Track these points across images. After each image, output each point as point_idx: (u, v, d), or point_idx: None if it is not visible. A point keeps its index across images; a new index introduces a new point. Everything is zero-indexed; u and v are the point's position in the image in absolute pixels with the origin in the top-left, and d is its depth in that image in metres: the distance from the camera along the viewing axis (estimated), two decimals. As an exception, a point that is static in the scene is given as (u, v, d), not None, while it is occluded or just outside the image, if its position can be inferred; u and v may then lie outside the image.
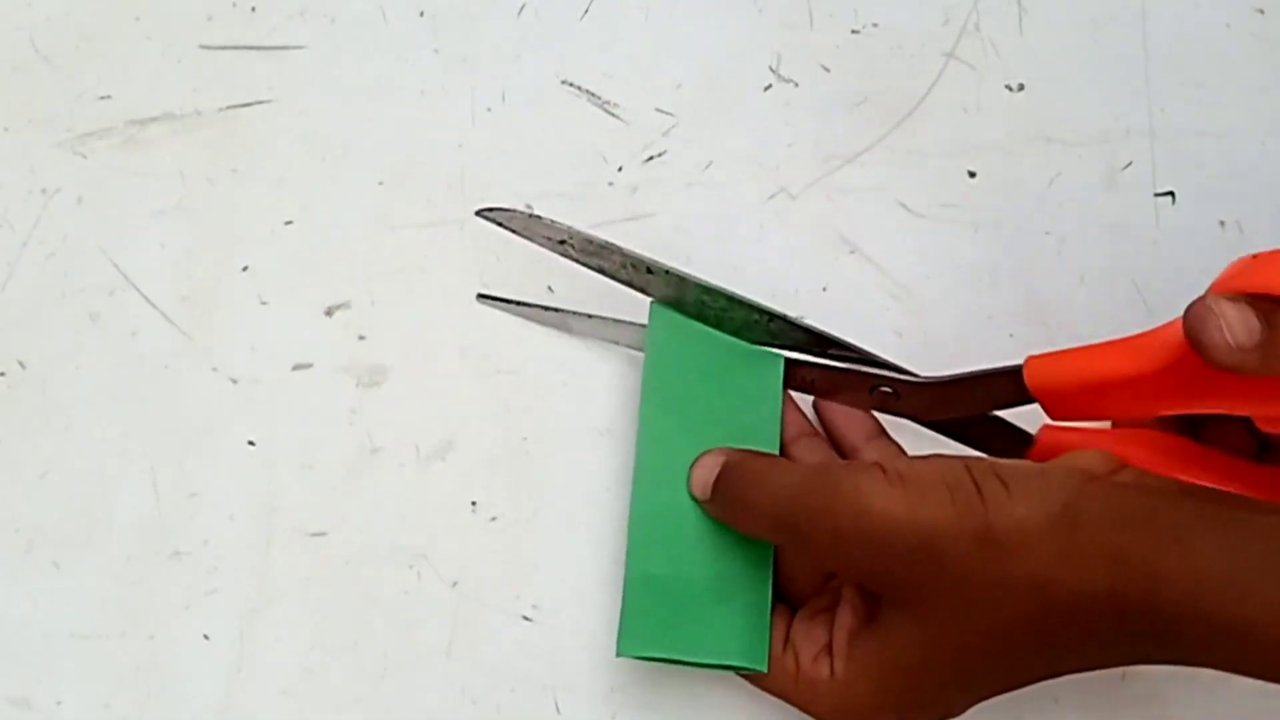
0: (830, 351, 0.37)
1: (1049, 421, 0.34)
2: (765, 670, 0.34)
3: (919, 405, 0.36)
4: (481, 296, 0.40)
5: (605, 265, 0.37)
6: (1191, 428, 0.36)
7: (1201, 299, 0.29)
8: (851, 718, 0.33)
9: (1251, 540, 0.27)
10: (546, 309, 0.40)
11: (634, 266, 0.37)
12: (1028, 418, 0.36)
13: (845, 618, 0.33)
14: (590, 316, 0.39)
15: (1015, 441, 0.37)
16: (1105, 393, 0.32)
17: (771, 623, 0.35)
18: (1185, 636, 0.28)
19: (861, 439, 0.38)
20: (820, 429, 0.39)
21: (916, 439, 0.38)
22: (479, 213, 0.37)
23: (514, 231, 0.37)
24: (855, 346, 0.37)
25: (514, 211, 0.37)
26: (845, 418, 0.38)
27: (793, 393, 0.38)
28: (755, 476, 0.34)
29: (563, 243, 0.37)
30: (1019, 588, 0.29)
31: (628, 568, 0.35)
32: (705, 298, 0.37)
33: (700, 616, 0.35)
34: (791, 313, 0.37)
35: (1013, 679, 0.31)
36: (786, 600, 0.36)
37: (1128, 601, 0.28)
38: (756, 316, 0.37)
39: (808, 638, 0.34)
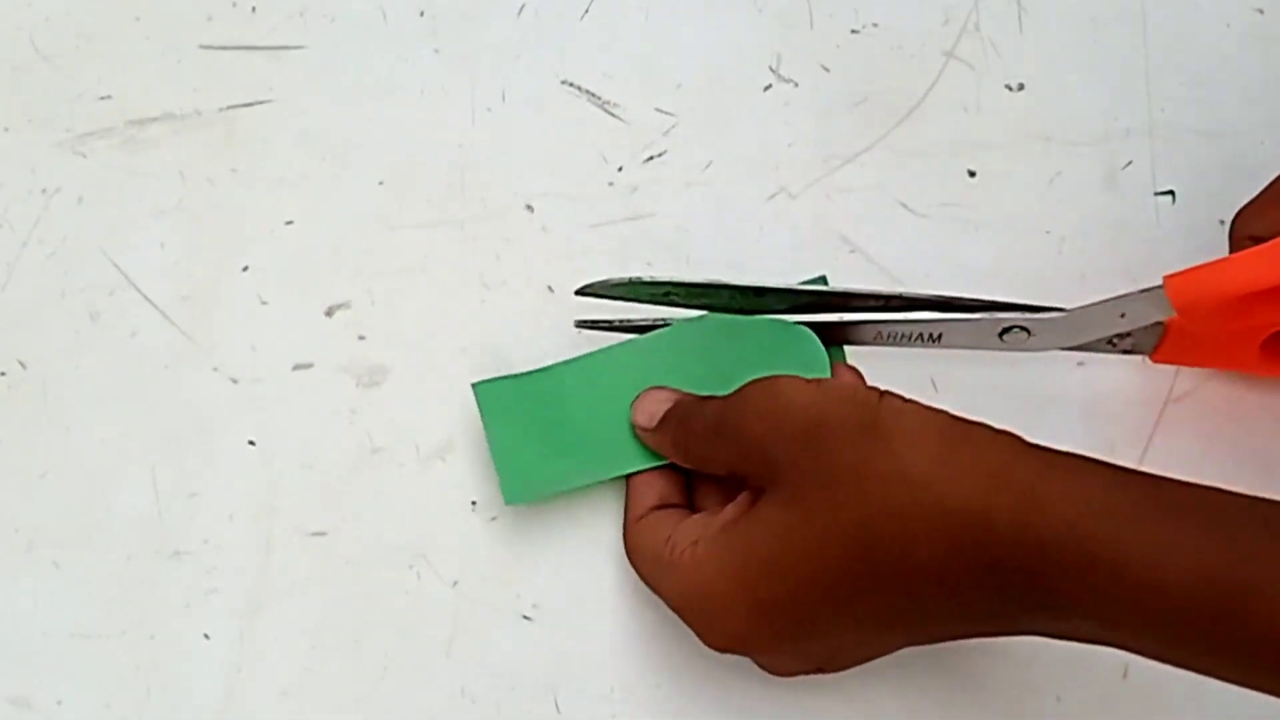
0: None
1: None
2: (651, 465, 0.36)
3: (1053, 338, 0.37)
4: (580, 324, 0.39)
5: (714, 303, 0.37)
6: None
7: None
8: (697, 600, 0.32)
9: (1136, 487, 0.27)
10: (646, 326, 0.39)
11: (743, 294, 0.37)
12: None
13: (729, 513, 0.32)
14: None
15: (1148, 335, 0.37)
16: (1250, 302, 0.32)
17: (668, 523, 0.34)
18: (1054, 569, 0.27)
19: None
20: None
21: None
22: (579, 291, 0.37)
23: (619, 298, 0.37)
24: (985, 301, 0.37)
25: (613, 282, 0.37)
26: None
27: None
28: (703, 404, 0.34)
29: (667, 295, 0.37)
30: (891, 479, 0.28)
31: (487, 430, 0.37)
32: (819, 300, 0.37)
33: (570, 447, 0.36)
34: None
35: (873, 595, 0.30)
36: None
37: (999, 517, 0.27)
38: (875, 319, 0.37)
39: (688, 531, 0.33)
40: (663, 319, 0.38)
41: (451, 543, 0.39)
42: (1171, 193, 0.41)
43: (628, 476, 0.37)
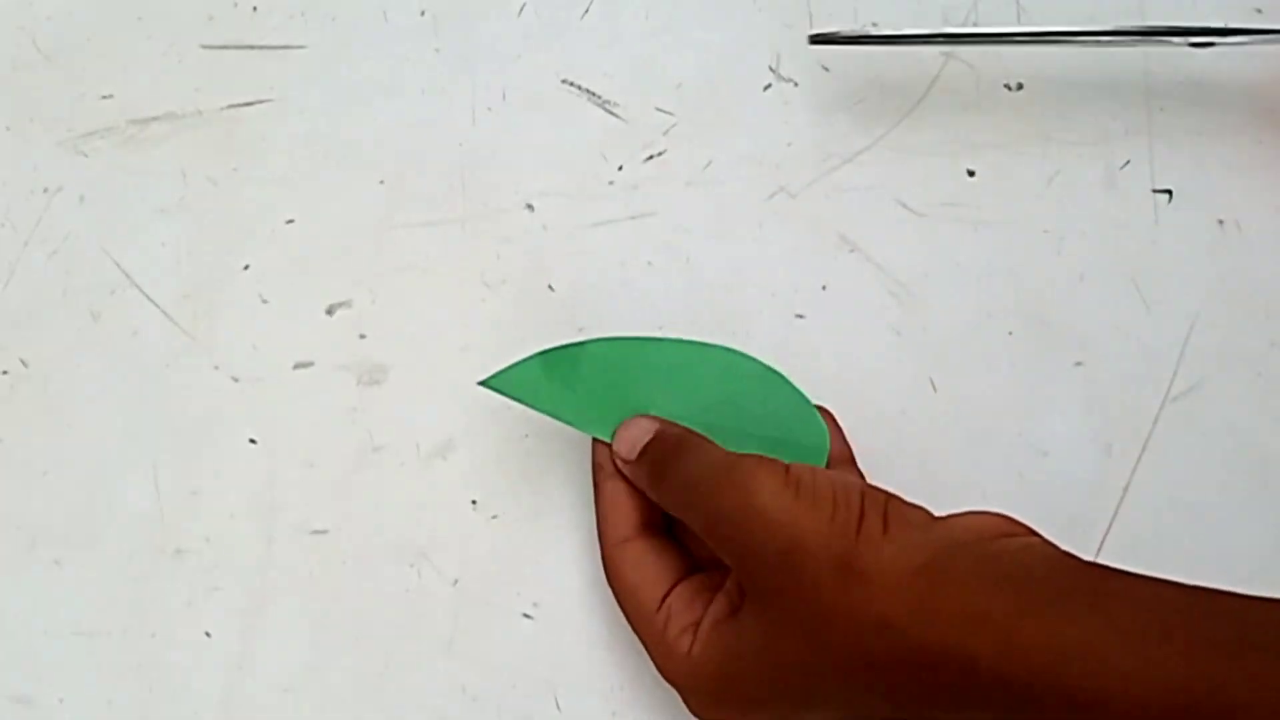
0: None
1: None
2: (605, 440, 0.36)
3: None
4: (816, 38, 0.39)
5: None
6: None
7: None
8: (697, 696, 0.33)
9: (1115, 611, 0.27)
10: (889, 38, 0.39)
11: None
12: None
13: (718, 606, 0.33)
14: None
15: None
16: None
17: (656, 575, 0.35)
18: (1037, 704, 0.27)
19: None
20: None
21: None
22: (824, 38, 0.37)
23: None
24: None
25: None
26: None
27: None
28: (683, 453, 0.34)
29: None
30: (868, 625, 0.29)
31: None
32: None
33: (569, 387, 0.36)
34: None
35: (855, 709, 0.31)
36: (682, 556, 0.36)
37: (979, 662, 0.27)
38: None
39: (684, 608, 0.34)
40: (910, 34, 0.39)
41: (452, 541, 0.39)
42: (1170, 191, 0.41)
43: (599, 489, 0.37)
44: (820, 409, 0.37)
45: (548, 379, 0.37)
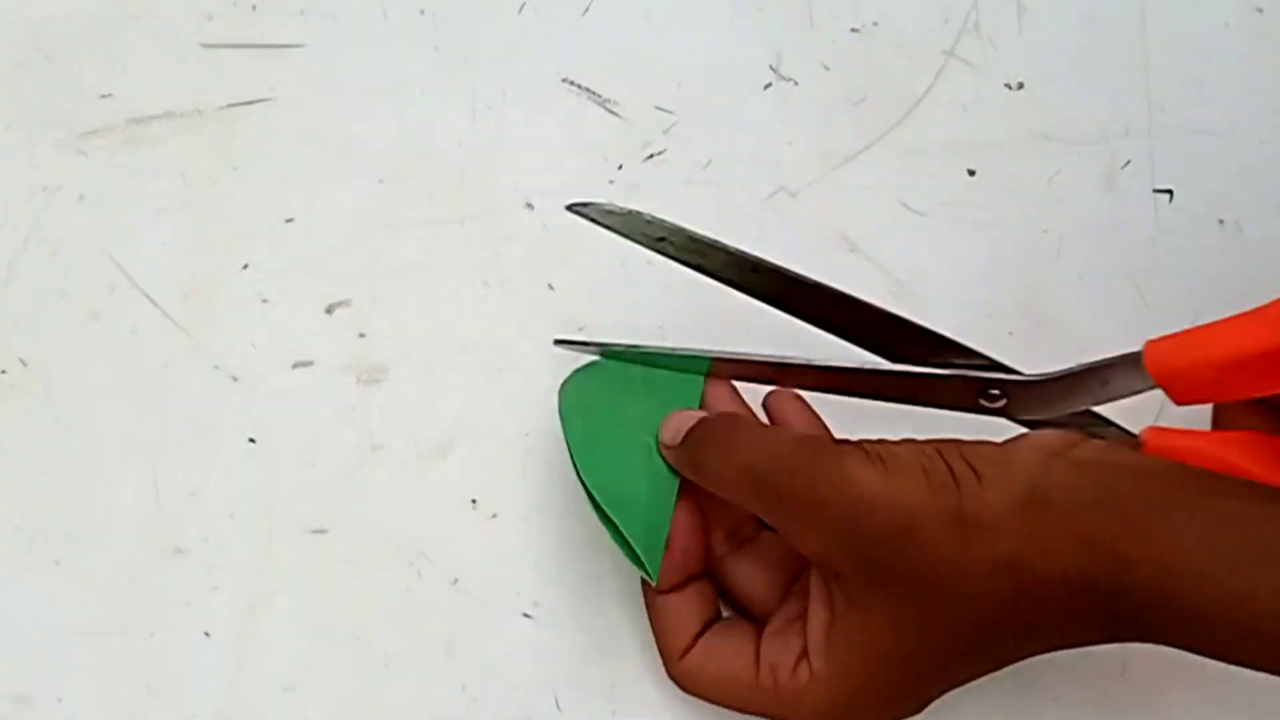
0: (933, 358, 0.36)
1: (1153, 424, 0.34)
2: (653, 580, 0.34)
3: (1028, 404, 0.36)
4: (559, 341, 0.38)
5: (706, 264, 0.35)
6: None
7: None
8: (841, 711, 0.32)
9: (1213, 525, 0.27)
10: (628, 348, 0.38)
11: (739, 266, 0.35)
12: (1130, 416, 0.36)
13: (818, 614, 0.32)
14: (670, 354, 0.37)
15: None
16: (1237, 370, 0.31)
17: (736, 643, 0.34)
18: (1153, 619, 0.28)
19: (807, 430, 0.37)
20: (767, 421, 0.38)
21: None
22: (570, 207, 0.35)
23: (610, 229, 0.35)
24: (964, 347, 0.36)
25: (610, 206, 0.35)
26: (794, 412, 0.37)
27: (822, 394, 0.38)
28: (743, 431, 0.33)
29: (661, 240, 0.35)
30: (992, 571, 0.29)
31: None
32: (814, 297, 0.36)
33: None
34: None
35: (989, 663, 0.31)
36: (747, 618, 0.36)
37: (1097, 583, 0.28)
38: (867, 318, 0.36)
39: (783, 650, 0.33)
40: (642, 346, 0.37)
41: (452, 540, 0.39)
42: (1170, 191, 0.41)
43: (651, 608, 0.36)
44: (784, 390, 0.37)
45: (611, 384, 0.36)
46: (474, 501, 0.39)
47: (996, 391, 0.36)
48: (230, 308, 0.41)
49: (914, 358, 0.36)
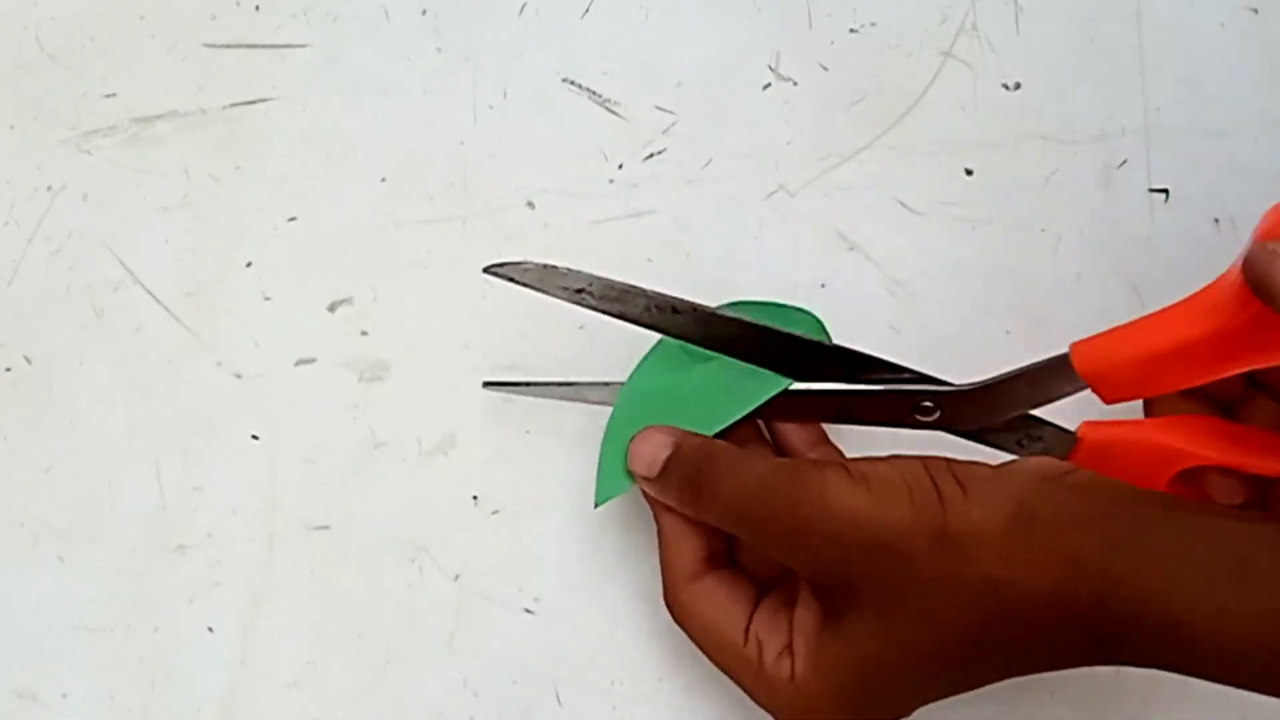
0: (864, 376, 0.36)
1: (1089, 418, 0.35)
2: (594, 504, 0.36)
3: (961, 415, 0.36)
4: (488, 384, 0.39)
5: (627, 310, 0.36)
6: (1226, 410, 0.36)
7: (1260, 245, 0.29)
8: (813, 717, 0.32)
9: (1196, 544, 0.28)
10: (559, 384, 0.38)
11: (659, 308, 0.36)
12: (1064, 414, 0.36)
13: (804, 619, 0.33)
14: (607, 384, 0.38)
15: (1059, 442, 0.36)
16: (1164, 363, 0.32)
17: (735, 606, 0.34)
18: (1134, 639, 0.28)
19: (807, 446, 0.37)
20: (768, 437, 0.38)
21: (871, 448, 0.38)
22: (487, 269, 0.36)
23: (527, 285, 0.36)
24: (892, 364, 0.36)
25: (525, 265, 0.36)
26: (794, 427, 0.38)
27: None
28: (720, 463, 0.33)
29: (580, 291, 0.36)
30: (975, 589, 0.29)
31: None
32: (735, 332, 0.36)
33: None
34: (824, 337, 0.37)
35: (970, 680, 0.31)
36: (751, 582, 0.36)
37: (1080, 604, 0.28)
38: (788, 349, 0.36)
39: (772, 633, 0.33)
40: (571, 381, 0.38)
41: (453, 537, 0.39)
42: (1166, 191, 0.41)
43: (660, 525, 0.36)
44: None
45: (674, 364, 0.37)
46: (475, 498, 0.40)
47: (930, 404, 0.36)
48: (233, 306, 0.41)
49: (841, 380, 0.36)
